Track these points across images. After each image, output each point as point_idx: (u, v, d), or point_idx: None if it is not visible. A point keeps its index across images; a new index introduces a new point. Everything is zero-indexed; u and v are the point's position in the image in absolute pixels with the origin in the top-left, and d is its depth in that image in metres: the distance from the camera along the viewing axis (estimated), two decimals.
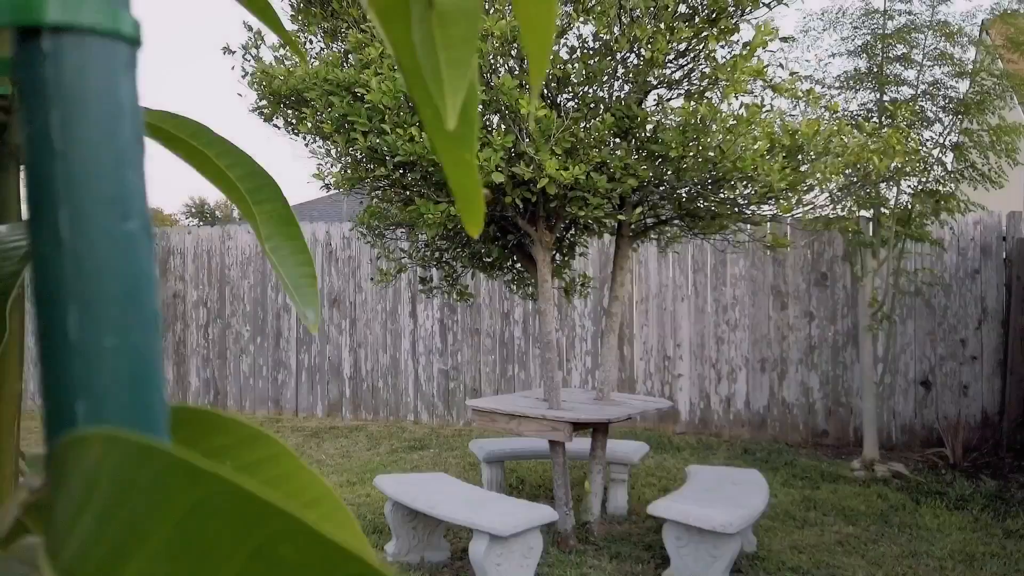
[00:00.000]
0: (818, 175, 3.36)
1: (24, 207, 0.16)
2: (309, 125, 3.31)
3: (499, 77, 3.17)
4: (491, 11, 3.29)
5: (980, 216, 6.12)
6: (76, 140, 0.15)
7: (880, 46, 5.45)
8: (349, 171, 3.38)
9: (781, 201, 3.28)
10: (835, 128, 3.47)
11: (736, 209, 3.58)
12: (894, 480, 5.27)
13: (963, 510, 4.65)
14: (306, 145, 4.30)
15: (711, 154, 3.23)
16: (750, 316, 6.59)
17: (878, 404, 6.22)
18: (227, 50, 4.33)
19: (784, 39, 3.41)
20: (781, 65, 3.49)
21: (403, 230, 4.58)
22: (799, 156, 3.34)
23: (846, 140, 3.50)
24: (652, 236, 4.44)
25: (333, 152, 3.55)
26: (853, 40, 5.63)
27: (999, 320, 6.11)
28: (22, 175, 0.17)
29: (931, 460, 5.80)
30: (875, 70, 5.52)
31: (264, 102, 3.84)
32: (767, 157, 3.18)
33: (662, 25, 3.07)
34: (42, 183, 0.15)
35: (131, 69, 0.16)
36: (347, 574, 0.12)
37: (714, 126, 3.04)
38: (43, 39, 0.15)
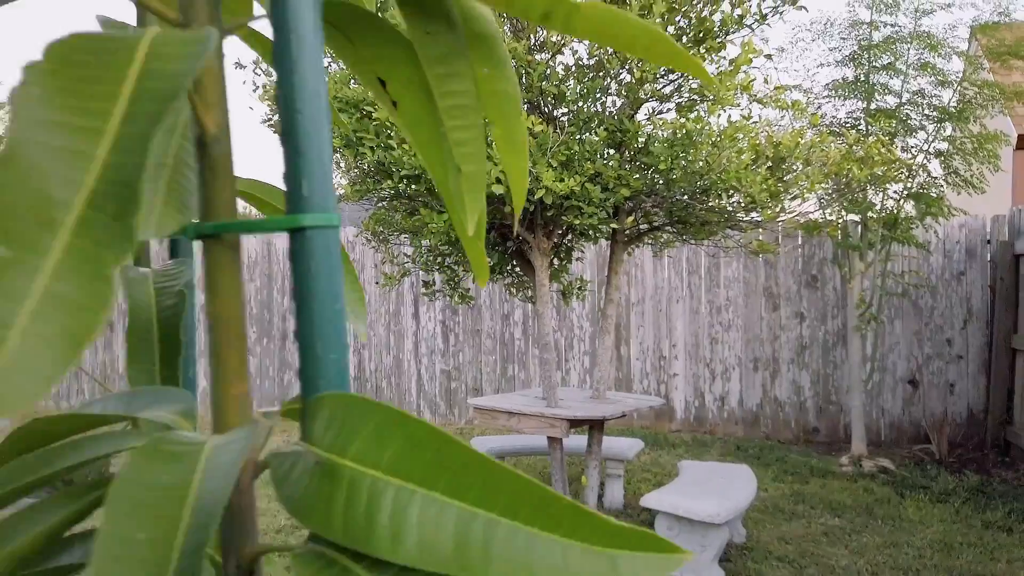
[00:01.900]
0: (800, 184, 3.56)
1: (292, 291, 0.36)
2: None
3: None
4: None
5: (965, 220, 6.32)
6: (317, 276, 0.34)
7: (866, 56, 5.65)
8: (358, 183, 3.59)
9: (765, 210, 3.49)
10: (817, 139, 3.67)
11: (724, 217, 3.78)
12: (880, 475, 5.46)
13: (945, 503, 4.85)
14: None
15: (699, 165, 3.43)
16: (743, 317, 6.78)
17: (866, 402, 6.42)
18: (239, 65, 4.53)
19: (768, 56, 3.61)
20: (766, 80, 3.68)
21: (406, 236, 4.78)
22: (782, 166, 3.54)
23: (827, 151, 3.69)
24: (646, 241, 4.64)
25: (342, 164, 3.75)
26: (841, 50, 5.82)
27: (984, 320, 6.31)
28: None
29: (917, 456, 6.00)
30: (862, 79, 5.72)
31: (276, 116, 4.04)
32: (751, 167, 3.37)
33: None
34: (302, 297, 0.35)
35: (338, 242, 0.35)
36: (461, 461, 0.32)
37: (700, 141, 3.24)
38: (304, 234, 0.35)
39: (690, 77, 3.78)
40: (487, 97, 0.42)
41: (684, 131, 3.23)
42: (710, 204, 3.54)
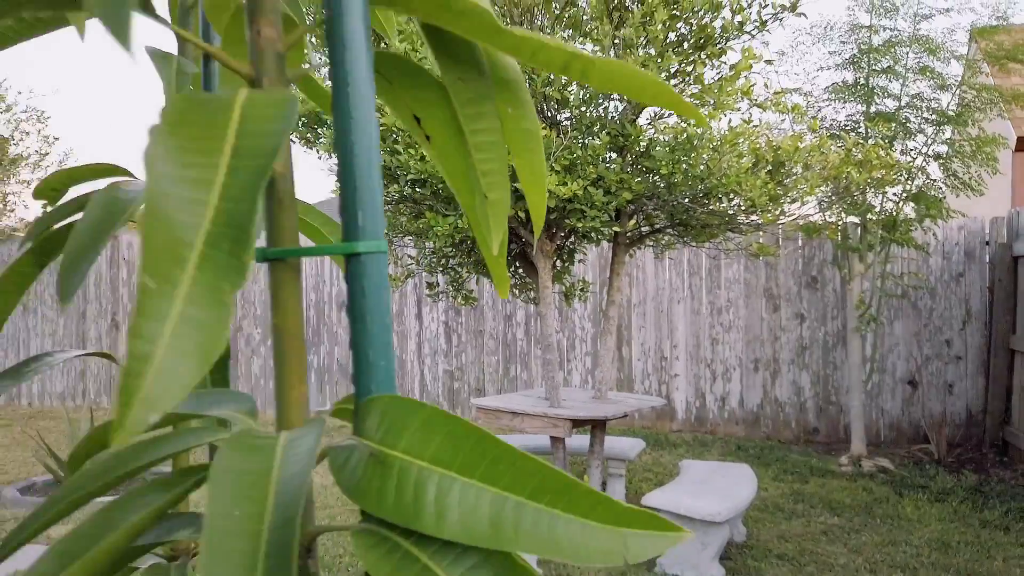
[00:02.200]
0: (800, 188, 3.61)
1: (347, 307, 0.42)
2: (326, 144, 3.58)
3: None
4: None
5: (964, 222, 6.37)
6: (369, 294, 0.40)
7: (866, 60, 5.70)
8: None
9: (765, 213, 3.54)
10: (816, 144, 3.72)
11: (724, 220, 3.84)
12: (880, 474, 5.52)
13: (943, 502, 4.90)
14: (319, 157, 4.56)
15: (700, 169, 3.48)
16: (744, 318, 6.84)
17: (866, 402, 6.47)
18: None
19: (768, 61, 3.66)
20: (766, 84, 3.74)
21: (410, 238, 4.84)
22: (782, 171, 3.59)
23: (826, 155, 3.75)
24: (647, 244, 4.70)
25: None
26: (840, 54, 5.88)
27: (983, 322, 6.36)
28: None
29: (916, 456, 6.05)
30: (861, 83, 5.77)
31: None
32: (751, 171, 3.43)
33: (653, 51, 3.33)
34: (356, 312, 0.41)
35: (386, 265, 0.41)
36: (494, 454, 0.38)
37: (700, 145, 3.29)
38: (359, 258, 0.40)
39: (692, 82, 3.84)
40: (511, 133, 0.48)
41: (685, 136, 3.29)
42: (711, 207, 3.60)
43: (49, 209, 0.81)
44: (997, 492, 5.10)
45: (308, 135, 3.95)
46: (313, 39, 3.00)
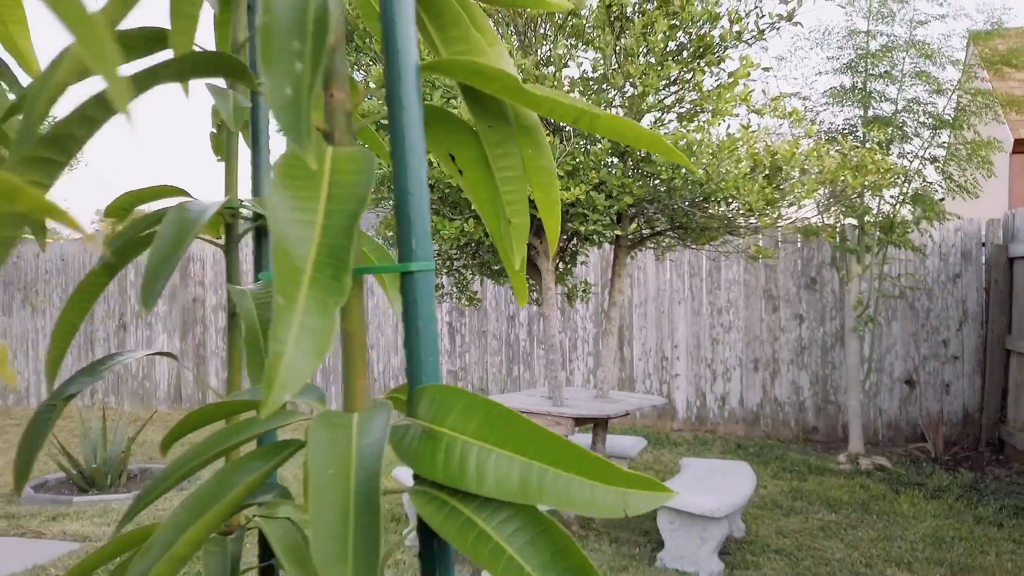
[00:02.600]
0: (796, 192, 3.71)
1: (403, 314, 0.52)
2: None
3: None
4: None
5: (961, 223, 6.47)
6: (419, 304, 0.50)
7: (863, 64, 5.80)
8: (373, 192, 3.76)
9: (762, 217, 3.64)
10: (812, 148, 3.82)
11: (723, 223, 3.94)
12: (877, 472, 5.61)
13: (939, 499, 5.00)
14: None
15: (699, 174, 3.58)
16: (743, 318, 6.94)
17: (864, 401, 6.57)
18: None
19: (766, 68, 3.76)
20: (764, 91, 3.84)
21: None
22: (779, 175, 3.69)
23: (822, 159, 3.85)
24: (648, 246, 4.80)
25: None
26: (839, 59, 5.98)
27: (979, 322, 6.46)
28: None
29: (913, 454, 6.15)
30: (859, 87, 5.87)
31: None
32: (749, 176, 3.53)
33: (653, 60, 3.43)
34: (409, 318, 0.51)
35: (432, 280, 0.51)
36: (521, 430, 0.48)
37: (699, 151, 3.39)
38: (412, 276, 0.50)
39: (691, 88, 3.94)
40: (530, 170, 0.58)
41: (685, 142, 3.39)
42: (709, 211, 3.70)
43: (120, 226, 0.92)
44: (992, 489, 5.20)
45: None
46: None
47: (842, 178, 4.07)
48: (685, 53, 3.55)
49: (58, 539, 4.36)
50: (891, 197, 5.83)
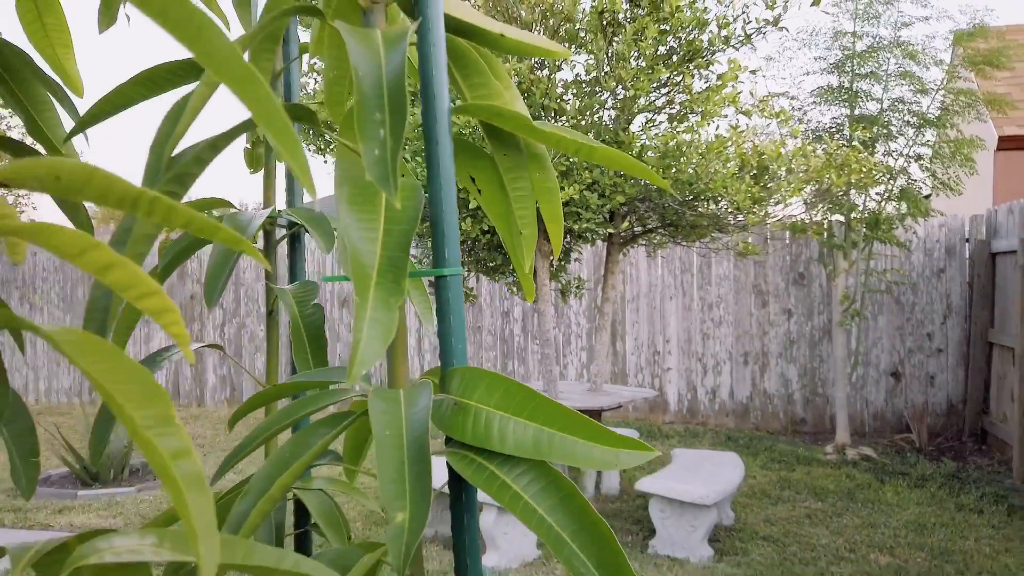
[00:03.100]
0: (783, 191, 3.85)
1: (437, 310, 0.65)
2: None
3: None
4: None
5: (945, 219, 6.62)
6: (450, 302, 0.62)
7: (849, 65, 5.93)
8: None
9: (750, 215, 3.78)
10: (798, 148, 3.96)
11: (712, 220, 4.07)
12: (863, 462, 5.77)
13: (922, 488, 5.15)
14: (324, 162, 4.78)
15: (689, 173, 3.71)
16: (733, 313, 7.08)
17: (851, 394, 6.73)
18: None
19: (753, 71, 3.89)
20: (752, 92, 3.96)
21: (414, 239, 5.06)
22: (766, 175, 3.82)
23: (808, 158, 3.98)
24: (640, 243, 4.93)
25: None
26: (826, 59, 6.11)
27: (963, 315, 6.62)
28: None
29: (898, 445, 6.31)
30: (845, 86, 6.01)
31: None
32: (736, 176, 3.66)
33: (643, 63, 3.55)
34: (442, 314, 0.63)
35: (461, 283, 0.62)
36: (535, 402, 0.60)
37: (688, 152, 3.52)
38: (445, 280, 0.62)
39: (682, 90, 4.07)
40: (538, 191, 0.70)
41: (675, 143, 3.52)
42: (699, 210, 3.83)
43: (173, 236, 1.04)
44: (974, 478, 5.36)
45: (319, 143, 4.17)
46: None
47: (827, 177, 4.20)
48: (675, 57, 3.68)
49: (66, 531, 4.46)
50: (876, 194, 5.97)
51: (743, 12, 3.60)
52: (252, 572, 0.43)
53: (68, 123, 1.13)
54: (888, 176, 5.81)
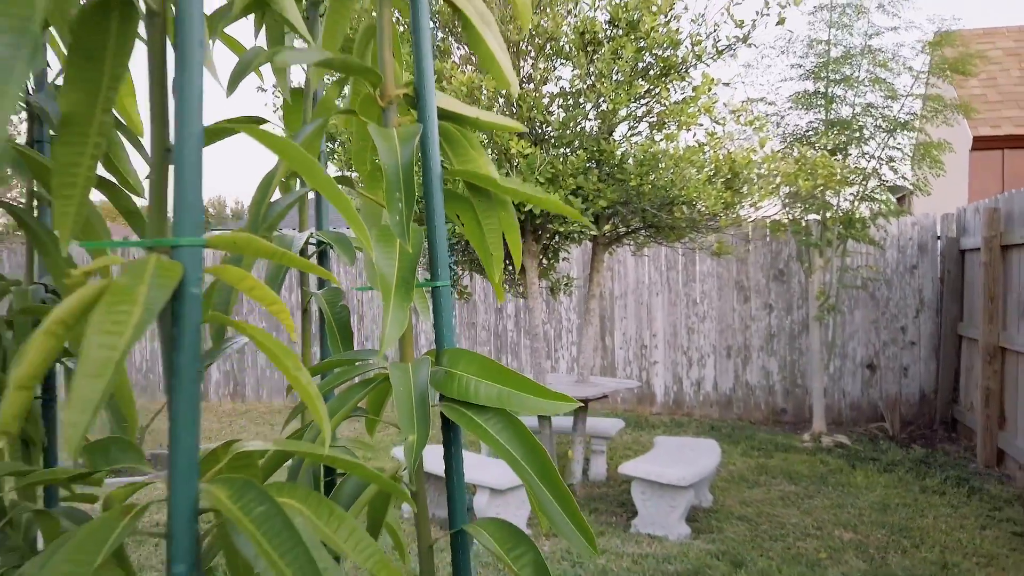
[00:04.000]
0: (753, 196, 4.16)
1: (432, 310, 0.96)
2: (338, 160, 4.09)
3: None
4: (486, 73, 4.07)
5: (918, 218, 6.95)
6: (444, 302, 0.92)
7: (824, 72, 6.24)
8: None
9: (722, 218, 4.09)
10: (768, 156, 4.26)
11: (689, 222, 4.38)
12: (837, 449, 6.09)
13: (891, 472, 5.48)
14: (334, 167, 5.06)
15: (668, 177, 4.02)
16: (717, 308, 7.40)
17: (829, 385, 7.05)
18: (260, 89, 5.08)
19: (726, 84, 4.20)
20: (725, 104, 4.27)
21: None
22: (737, 180, 4.13)
23: (778, 166, 4.29)
24: (625, 242, 5.24)
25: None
26: (802, 66, 6.42)
27: (934, 310, 6.95)
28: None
29: (872, 433, 6.63)
30: (821, 91, 6.32)
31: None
32: (709, 182, 3.97)
33: (621, 77, 3.85)
34: (437, 312, 0.93)
35: (450, 290, 0.91)
36: (501, 372, 0.90)
37: (663, 163, 3.83)
38: (438, 289, 0.92)
39: (660, 101, 4.37)
40: (505, 226, 1.00)
41: (651, 152, 3.82)
42: (675, 213, 4.13)
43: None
44: (940, 463, 5.68)
45: (333, 160, 4.46)
46: None
47: (796, 182, 4.51)
48: (651, 72, 3.98)
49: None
50: (850, 195, 6.29)
51: (714, 30, 3.90)
52: (328, 461, 0.73)
53: (132, 154, 1.42)
54: (861, 178, 6.12)
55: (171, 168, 0.64)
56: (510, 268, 5.45)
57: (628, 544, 4.15)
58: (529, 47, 3.99)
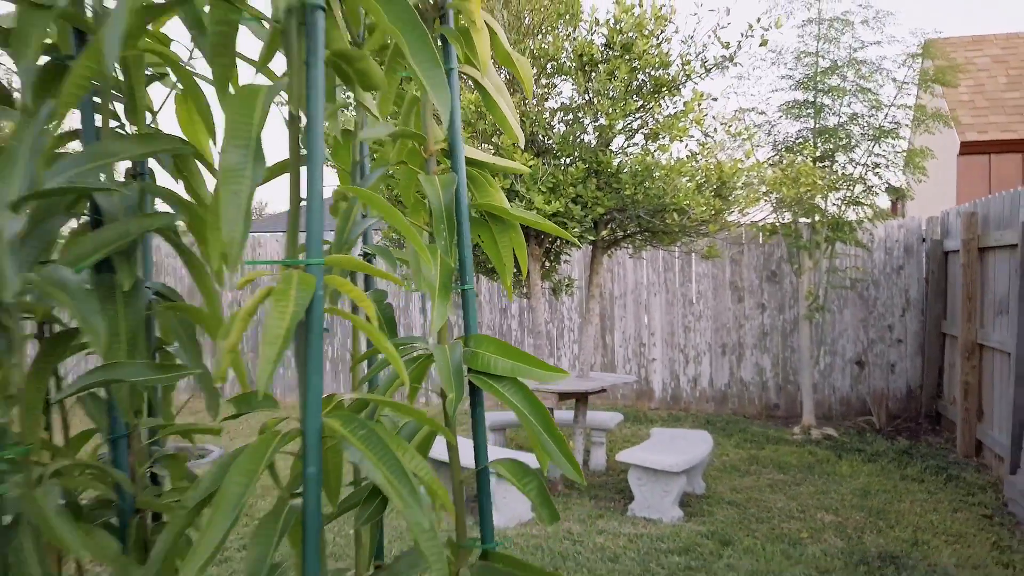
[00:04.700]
0: (739, 203, 4.49)
1: (462, 309, 1.29)
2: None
3: (499, 138, 4.29)
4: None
5: (904, 220, 7.27)
6: (470, 302, 1.25)
7: (813, 82, 6.57)
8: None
9: (711, 224, 4.42)
10: (754, 166, 4.60)
11: (681, 228, 4.71)
12: (825, 441, 6.42)
13: (875, 462, 5.80)
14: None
15: (657, 189, 4.35)
16: (712, 308, 7.73)
17: (819, 380, 7.38)
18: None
19: (714, 99, 4.53)
20: (714, 117, 4.61)
21: None
22: (725, 188, 4.46)
23: (762, 174, 4.62)
24: (623, 246, 5.58)
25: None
26: (792, 77, 6.75)
27: (920, 309, 7.27)
28: None
29: (860, 426, 6.96)
30: (810, 101, 6.65)
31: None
32: (698, 191, 4.30)
33: (617, 95, 4.19)
34: (465, 310, 1.26)
35: (474, 292, 1.21)
36: (515, 352, 1.24)
37: (656, 173, 4.16)
38: (466, 291, 1.24)
39: (654, 114, 4.71)
40: (515, 244, 1.32)
41: (645, 164, 4.16)
42: (667, 220, 4.47)
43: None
44: (922, 454, 6.01)
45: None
46: None
47: (781, 189, 4.84)
48: (644, 90, 4.32)
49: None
50: (838, 199, 6.61)
51: (702, 51, 4.23)
52: (392, 407, 1.07)
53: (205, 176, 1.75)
54: (847, 183, 6.45)
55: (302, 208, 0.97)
56: (516, 272, 5.79)
57: (625, 525, 4.48)
58: (533, 67, 4.32)
